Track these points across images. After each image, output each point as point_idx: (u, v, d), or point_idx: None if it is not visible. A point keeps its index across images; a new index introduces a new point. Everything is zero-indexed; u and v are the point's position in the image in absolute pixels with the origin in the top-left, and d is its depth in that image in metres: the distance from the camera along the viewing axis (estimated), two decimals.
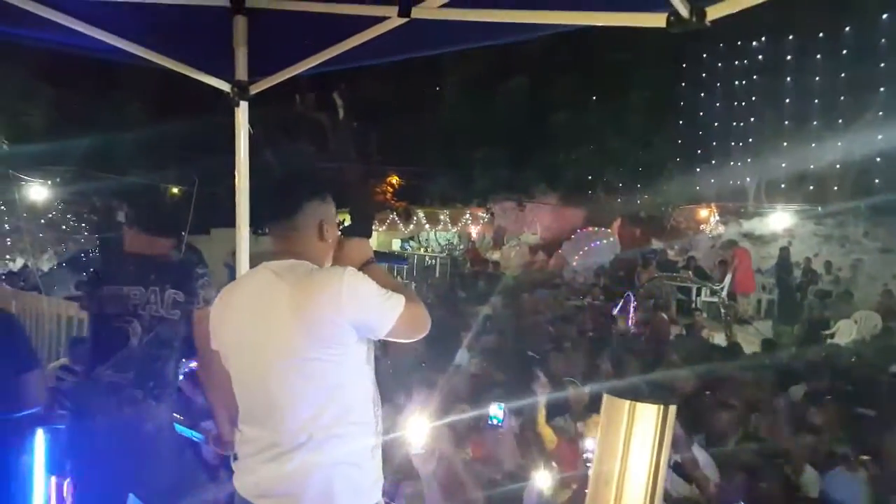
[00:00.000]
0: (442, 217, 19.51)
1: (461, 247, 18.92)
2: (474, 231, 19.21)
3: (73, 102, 14.35)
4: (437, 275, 16.60)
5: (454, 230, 19.86)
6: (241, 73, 2.63)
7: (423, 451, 2.74)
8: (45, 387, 2.38)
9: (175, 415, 2.87)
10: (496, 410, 3.36)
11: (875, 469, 3.42)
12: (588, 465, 2.35)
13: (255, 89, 2.70)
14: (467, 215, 19.18)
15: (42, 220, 13.83)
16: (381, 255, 1.97)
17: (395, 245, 20.17)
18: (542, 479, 2.69)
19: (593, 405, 3.78)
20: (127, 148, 15.12)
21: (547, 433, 3.63)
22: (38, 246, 13.86)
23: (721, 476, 3.43)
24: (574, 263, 14.29)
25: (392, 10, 2.05)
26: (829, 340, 8.91)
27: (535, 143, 17.43)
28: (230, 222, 2.93)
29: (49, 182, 13.37)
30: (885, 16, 14.36)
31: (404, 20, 2.05)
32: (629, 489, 1.66)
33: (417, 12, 2.02)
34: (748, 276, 11.62)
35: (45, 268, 13.25)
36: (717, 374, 5.12)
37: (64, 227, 14.66)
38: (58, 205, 14.40)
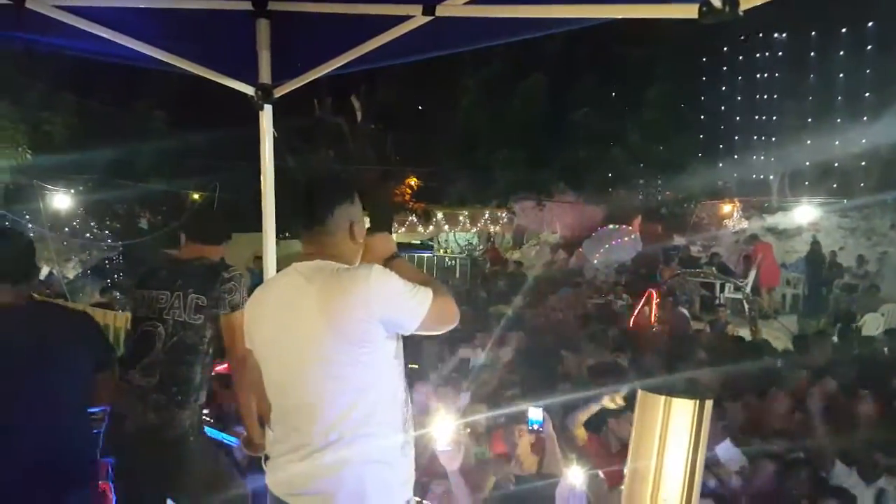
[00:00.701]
0: (461, 218, 19.48)
1: (481, 247, 18.88)
2: (494, 231, 19.16)
3: (95, 111, 14.57)
4: (458, 275, 16.59)
5: (474, 231, 19.82)
6: (265, 76, 2.65)
7: (449, 448, 2.73)
8: (115, 388, 2.40)
9: (206, 417, 2.90)
10: (536, 414, 3.23)
11: None
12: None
13: (279, 92, 2.71)
14: (486, 215, 19.13)
15: (66, 229, 14.07)
16: (403, 247, 1.97)
17: None
18: (575, 474, 2.66)
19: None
20: (149, 156, 15.35)
21: (580, 432, 3.61)
22: (63, 254, 14.09)
23: (750, 470, 3.38)
24: (595, 261, 14.17)
25: (416, 9, 2.05)
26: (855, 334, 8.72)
27: (554, 141, 17.35)
28: (251, 227, 2.94)
29: (72, 191, 13.62)
30: None
31: (429, 18, 2.04)
32: (666, 485, 1.63)
33: (442, 10, 2.02)
34: (773, 271, 11.46)
35: (71, 275, 13.48)
36: (743, 370, 5.05)
37: (88, 234, 14.89)
38: (82, 213, 14.64)
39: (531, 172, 17.76)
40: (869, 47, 14.64)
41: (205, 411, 2.72)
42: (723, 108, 17.06)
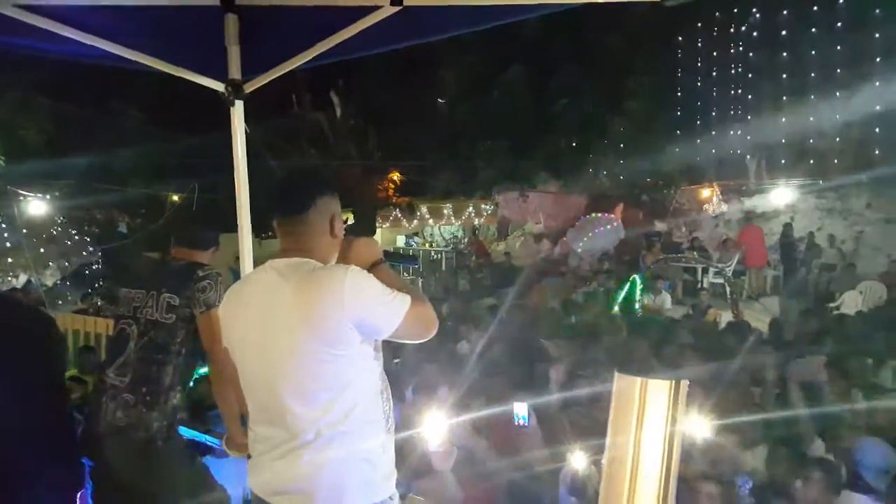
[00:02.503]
0: (445, 211, 19.48)
1: (466, 240, 18.91)
2: (478, 223, 19.20)
3: (70, 115, 14.33)
4: (444, 268, 16.61)
5: (458, 223, 19.83)
6: (235, 71, 2.61)
7: (441, 447, 2.73)
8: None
9: (183, 417, 2.86)
10: (522, 409, 3.26)
11: None
12: None
13: (249, 88, 2.68)
14: (471, 208, 19.16)
15: (43, 235, 13.84)
16: (390, 256, 1.96)
17: (400, 241, 20.16)
18: (578, 460, 2.69)
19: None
20: (127, 159, 15.14)
21: None
22: (40, 261, 13.88)
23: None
24: (579, 250, 14.26)
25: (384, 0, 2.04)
26: (834, 312, 8.89)
27: (536, 131, 17.43)
28: (232, 228, 2.92)
29: (48, 196, 13.39)
30: None
31: (397, 8, 2.04)
32: (644, 465, 1.65)
33: (409, 0, 2.01)
34: (760, 253, 11.64)
35: (49, 283, 13.27)
36: (726, 352, 5.12)
37: (66, 241, 14.67)
38: (59, 219, 14.42)
39: (514, 163, 17.82)
40: (839, 24, 14.82)
41: (182, 415, 2.68)
42: (699, 94, 17.23)
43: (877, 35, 14.18)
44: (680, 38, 16.77)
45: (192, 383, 2.61)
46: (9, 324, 2.24)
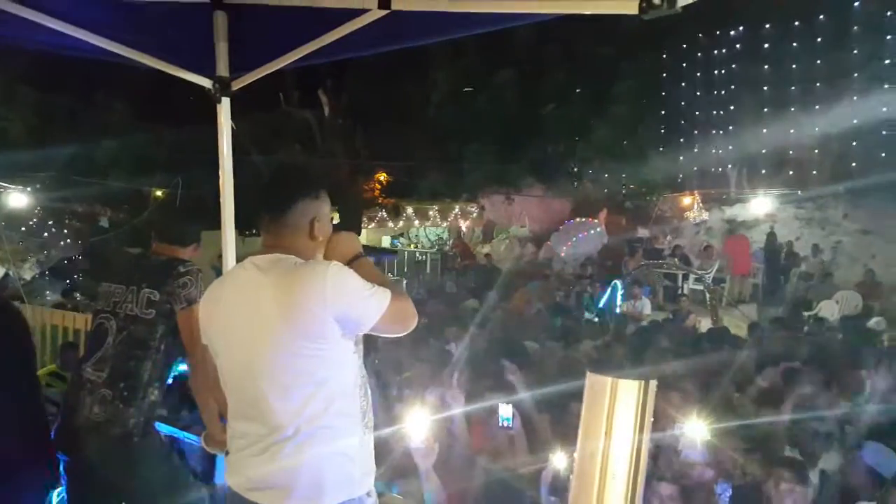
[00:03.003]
0: (431, 212, 19.52)
1: (451, 241, 18.94)
2: (464, 225, 19.25)
3: (54, 106, 14.16)
4: (428, 270, 16.62)
5: (444, 225, 19.87)
6: (223, 69, 2.63)
7: (423, 445, 2.74)
8: None
9: (162, 414, 2.85)
10: (507, 411, 3.24)
11: None
12: None
13: (236, 85, 2.70)
14: (456, 210, 19.20)
15: (22, 228, 13.65)
16: (369, 250, 1.98)
17: (385, 242, 20.14)
18: (559, 460, 2.72)
19: None
20: (110, 152, 14.98)
21: None
22: (19, 254, 13.67)
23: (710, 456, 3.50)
24: (562, 254, 14.37)
25: (372, 2, 2.06)
26: (811, 321, 9.06)
27: (522, 136, 17.51)
28: (216, 225, 2.91)
29: (29, 189, 13.21)
30: (856, 3, 14.59)
31: (385, 12, 2.07)
32: (613, 462, 1.69)
33: (397, 4, 2.04)
34: (745, 262, 11.85)
35: (28, 276, 13.09)
36: (704, 358, 5.21)
37: (46, 234, 14.46)
38: (38, 211, 14.22)
39: (500, 167, 17.89)
40: (819, 39, 15.12)
41: (161, 411, 2.67)
42: (682, 103, 17.47)
43: (855, 51, 14.49)
44: (665, 48, 16.98)
45: (170, 380, 2.59)
46: None
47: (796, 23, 15.43)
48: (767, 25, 15.87)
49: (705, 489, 3.17)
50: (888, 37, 14.02)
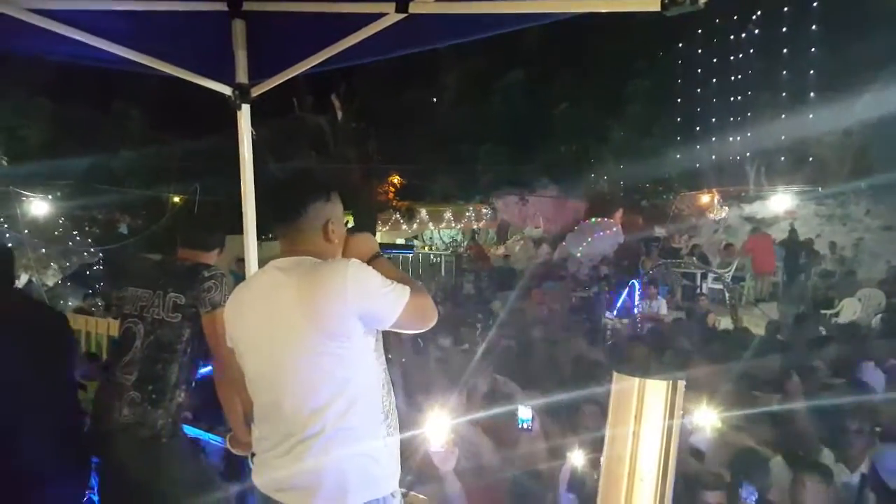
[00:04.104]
0: (445, 215, 19.52)
1: (465, 244, 18.93)
2: (477, 227, 19.22)
3: (72, 116, 14.38)
4: (443, 272, 16.62)
5: (458, 227, 19.86)
6: (242, 76, 2.65)
7: (442, 449, 2.74)
8: None
9: (188, 416, 2.89)
10: (525, 413, 3.26)
11: None
12: None
13: (256, 91, 2.72)
14: (470, 212, 19.17)
15: (45, 236, 13.88)
16: (385, 246, 1.98)
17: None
18: (576, 457, 2.72)
19: None
20: (128, 160, 15.18)
21: None
22: (42, 261, 13.91)
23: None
24: (578, 255, 14.30)
25: (390, 7, 2.07)
26: (833, 320, 8.91)
27: (536, 136, 17.46)
28: (233, 229, 2.94)
29: (50, 197, 13.44)
30: None
31: (402, 15, 2.07)
32: (642, 464, 1.67)
33: (415, 7, 2.04)
34: (768, 260, 11.67)
35: (50, 283, 13.31)
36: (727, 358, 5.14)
37: (67, 241, 14.70)
38: (60, 219, 14.45)
39: (513, 168, 17.84)
40: (839, 31, 14.87)
41: (186, 413, 2.72)
42: (699, 99, 17.31)
43: (875, 42, 14.24)
44: (680, 45, 16.83)
45: (193, 383, 2.64)
46: (26, 321, 2.28)
47: (815, 14, 15.22)
48: (784, 18, 15.66)
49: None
50: None
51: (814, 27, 15.33)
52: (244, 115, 2.75)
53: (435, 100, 19.10)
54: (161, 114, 15.37)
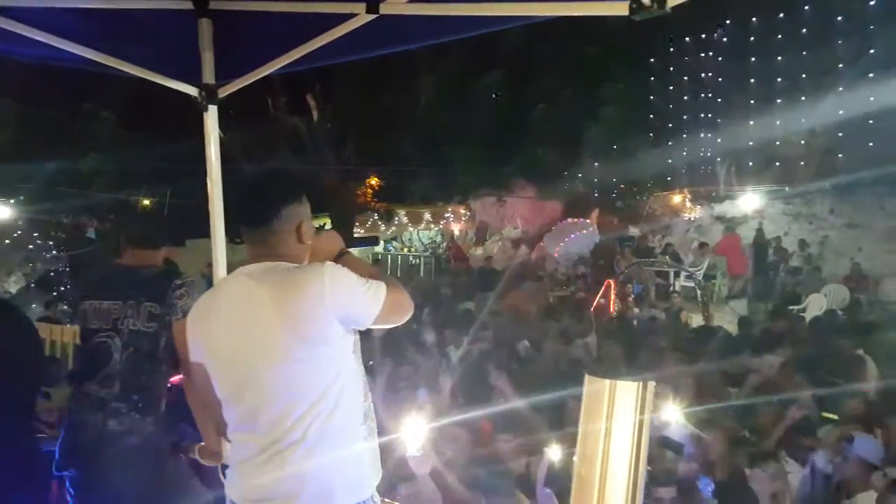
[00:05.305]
0: (424, 216, 19.50)
1: (444, 245, 18.94)
2: (456, 228, 19.24)
3: (38, 117, 14.01)
4: (422, 273, 16.62)
5: (436, 228, 19.86)
6: (209, 76, 2.60)
7: (419, 452, 2.75)
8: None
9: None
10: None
11: None
12: None
13: (223, 92, 2.67)
14: (449, 213, 19.19)
15: (7, 241, 13.51)
16: (350, 242, 1.96)
17: (378, 247, 20.10)
18: (553, 452, 2.75)
19: None
20: (97, 162, 14.85)
21: None
22: (4, 267, 13.55)
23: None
24: (556, 255, 14.40)
25: (360, 7, 2.06)
26: (800, 315, 9.13)
27: (513, 138, 17.51)
28: (206, 233, 2.90)
29: (13, 200, 13.07)
30: None
31: (373, 16, 2.06)
32: (614, 463, 1.69)
33: (385, 8, 2.03)
34: (740, 261, 11.89)
35: (13, 289, 12.95)
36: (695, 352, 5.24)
37: (31, 246, 14.31)
38: (24, 223, 14.06)
39: (491, 169, 17.89)
40: (804, 32, 15.26)
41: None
42: (671, 102, 17.59)
43: (840, 43, 14.63)
44: (653, 49, 17.07)
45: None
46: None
47: (781, 16, 15.57)
48: (753, 20, 15.99)
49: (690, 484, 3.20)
50: (871, 27, 14.14)
51: (780, 35, 15.68)
52: (211, 116, 2.70)
53: (413, 101, 19.04)
54: (131, 115, 15.05)
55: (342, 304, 1.59)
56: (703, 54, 17.03)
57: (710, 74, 17.03)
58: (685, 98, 17.51)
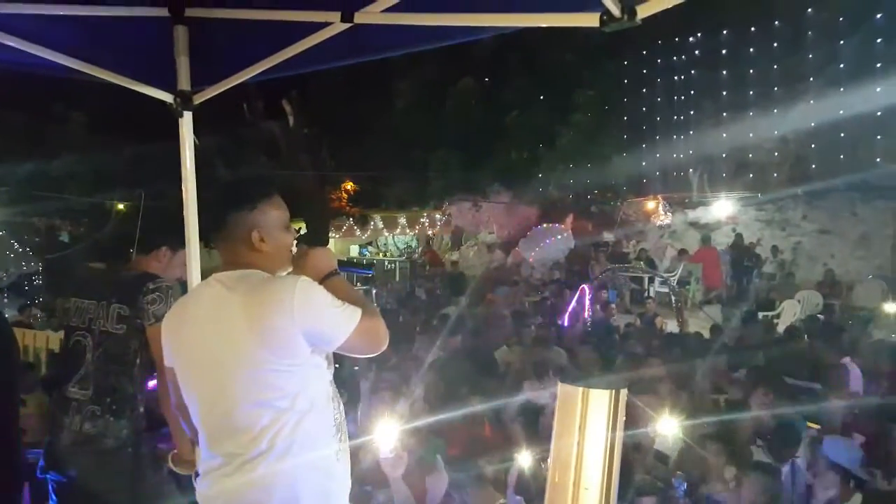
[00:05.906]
0: (399, 221, 19.48)
1: (420, 249, 18.94)
2: (432, 233, 19.26)
3: (9, 119, 13.70)
4: (398, 278, 16.59)
5: (412, 233, 19.85)
6: (184, 82, 2.59)
7: (391, 454, 2.75)
8: None
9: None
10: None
11: None
12: None
13: (198, 99, 2.66)
14: (424, 218, 19.20)
15: None
16: (344, 265, 1.97)
17: (354, 251, 20.03)
18: (524, 459, 2.77)
19: None
20: (69, 165, 14.55)
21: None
22: None
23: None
24: (531, 260, 14.49)
25: (335, 16, 2.06)
26: (775, 321, 9.29)
27: (488, 143, 17.61)
28: (184, 238, 2.89)
29: None
30: (809, 10, 15.15)
31: (347, 25, 2.07)
32: (587, 471, 1.71)
33: (360, 17, 2.04)
34: (715, 275, 11.98)
35: None
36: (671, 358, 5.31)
37: (5, 250, 14.00)
38: None
39: (467, 174, 17.96)
40: (776, 44, 15.64)
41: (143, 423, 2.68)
42: (644, 109, 17.85)
43: (810, 55, 15.03)
44: (625, 56, 17.32)
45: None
46: None
47: (752, 28, 15.93)
48: (725, 31, 16.33)
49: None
50: (841, 41, 14.55)
51: (751, 46, 16.05)
52: (186, 122, 2.69)
53: (388, 107, 19.03)
54: (105, 117, 14.78)
55: (309, 320, 1.58)
56: (675, 62, 17.34)
57: (682, 82, 17.35)
58: (658, 104, 17.80)
